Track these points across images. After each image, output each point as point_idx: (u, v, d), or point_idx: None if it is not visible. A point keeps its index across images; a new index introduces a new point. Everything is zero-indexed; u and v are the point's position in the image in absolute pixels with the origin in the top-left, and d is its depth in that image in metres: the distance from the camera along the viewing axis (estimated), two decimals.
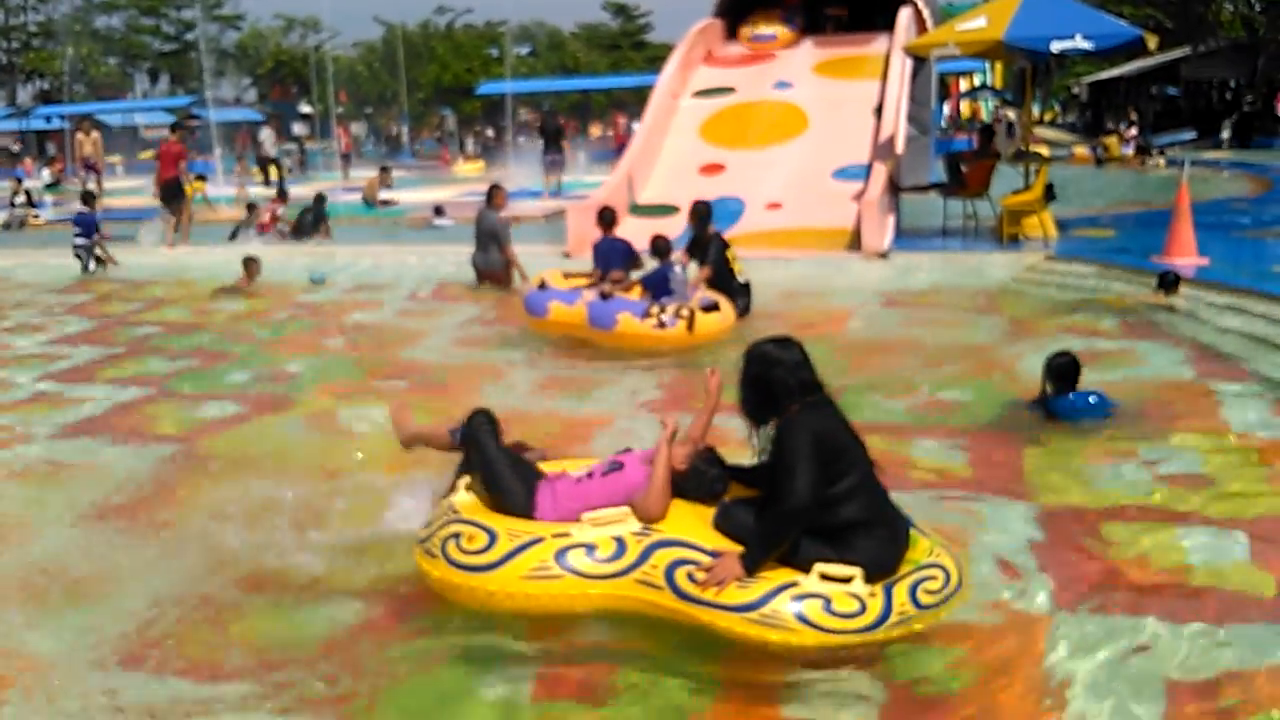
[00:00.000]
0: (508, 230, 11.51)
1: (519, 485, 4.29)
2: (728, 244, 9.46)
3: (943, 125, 38.62)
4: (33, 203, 21.26)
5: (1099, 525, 4.74)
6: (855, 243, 12.38)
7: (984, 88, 43.78)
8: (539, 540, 4.00)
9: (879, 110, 14.60)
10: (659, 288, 8.80)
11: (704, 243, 9.45)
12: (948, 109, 43.96)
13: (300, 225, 15.70)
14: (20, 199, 20.63)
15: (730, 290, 9.15)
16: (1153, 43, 12.98)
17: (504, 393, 7.36)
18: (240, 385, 7.99)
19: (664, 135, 15.64)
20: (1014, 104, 35.65)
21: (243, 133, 33.22)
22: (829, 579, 3.70)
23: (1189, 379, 7.10)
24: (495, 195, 11.71)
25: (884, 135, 13.81)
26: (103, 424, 6.95)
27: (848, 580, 3.69)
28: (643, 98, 17.77)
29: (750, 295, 9.39)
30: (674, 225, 11.91)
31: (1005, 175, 14.28)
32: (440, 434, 4.73)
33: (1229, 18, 35.44)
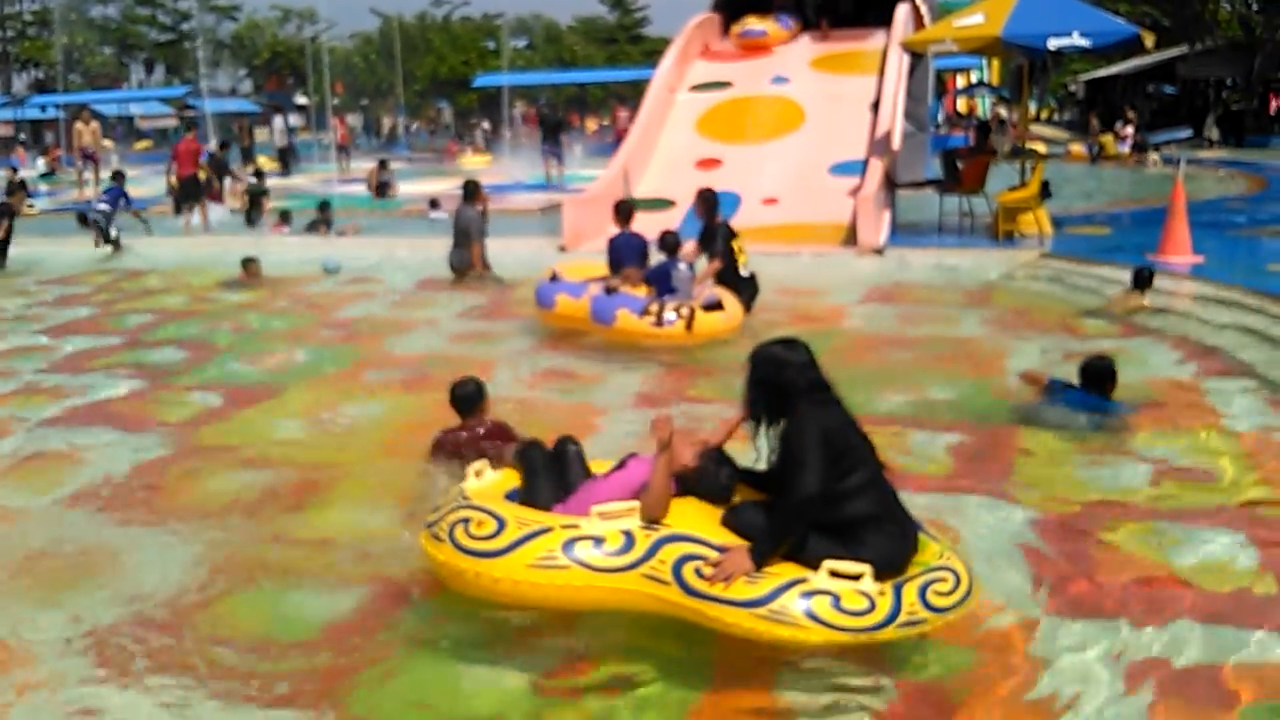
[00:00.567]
0: (483, 226, 11.34)
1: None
2: (735, 233, 9.17)
3: (939, 122, 38.61)
4: (27, 191, 21.22)
5: (1091, 523, 4.75)
6: (851, 238, 12.38)
7: (981, 84, 43.73)
8: (547, 530, 3.98)
9: (876, 106, 14.60)
10: (661, 284, 8.59)
11: (713, 232, 9.18)
12: (944, 105, 43.92)
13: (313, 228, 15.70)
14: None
15: (734, 282, 8.87)
16: (1150, 40, 12.99)
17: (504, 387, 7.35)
18: (237, 375, 7.97)
19: (660, 129, 15.62)
20: (1010, 101, 35.65)
21: (244, 124, 33.03)
22: (838, 575, 3.67)
23: (1183, 377, 7.11)
24: (475, 193, 11.46)
25: (881, 131, 13.80)
26: (97, 413, 6.93)
27: (857, 577, 3.65)
28: (639, 91, 17.75)
29: (757, 288, 9.11)
30: (670, 220, 11.90)
31: (1001, 172, 14.29)
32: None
33: (1226, 16, 35.43)
